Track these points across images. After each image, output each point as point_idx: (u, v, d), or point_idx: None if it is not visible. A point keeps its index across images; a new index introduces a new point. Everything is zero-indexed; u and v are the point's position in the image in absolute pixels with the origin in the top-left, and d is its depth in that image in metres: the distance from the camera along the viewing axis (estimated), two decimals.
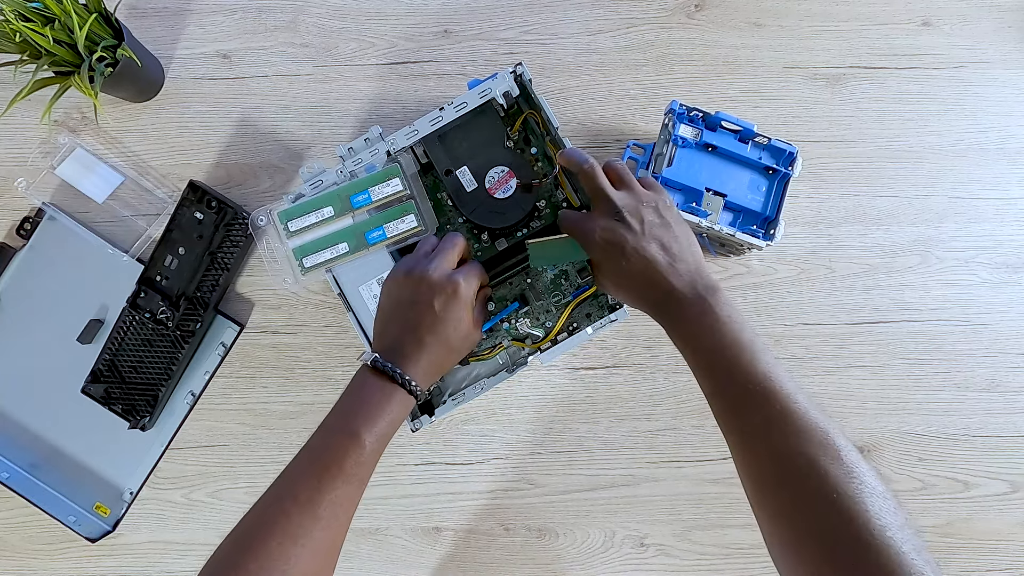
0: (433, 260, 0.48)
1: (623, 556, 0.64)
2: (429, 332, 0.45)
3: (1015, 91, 0.67)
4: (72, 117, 0.67)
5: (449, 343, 0.46)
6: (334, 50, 0.68)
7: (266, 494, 0.40)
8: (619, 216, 0.45)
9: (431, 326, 0.45)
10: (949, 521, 0.63)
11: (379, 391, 0.43)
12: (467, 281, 0.47)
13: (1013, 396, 0.64)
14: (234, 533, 0.39)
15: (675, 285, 0.43)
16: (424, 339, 0.45)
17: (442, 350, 0.46)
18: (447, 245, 0.49)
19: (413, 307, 0.46)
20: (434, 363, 0.46)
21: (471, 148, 0.58)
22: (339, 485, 0.40)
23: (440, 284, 0.46)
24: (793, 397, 0.37)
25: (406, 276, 0.47)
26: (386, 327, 0.47)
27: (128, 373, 0.63)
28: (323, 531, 0.39)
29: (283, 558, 0.37)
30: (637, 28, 0.68)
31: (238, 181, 0.67)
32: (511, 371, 0.56)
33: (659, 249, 0.44)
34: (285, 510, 0.38)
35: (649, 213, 0.46)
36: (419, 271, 0.47)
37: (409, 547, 0.64)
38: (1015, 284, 0.65)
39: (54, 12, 0.57)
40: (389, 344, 0.46)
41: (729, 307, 0.42)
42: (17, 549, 0.65)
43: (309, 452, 0.41)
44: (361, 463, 0.41)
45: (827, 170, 0.66)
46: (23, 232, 0.66)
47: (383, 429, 0.42)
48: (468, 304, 0.47)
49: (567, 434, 0.65)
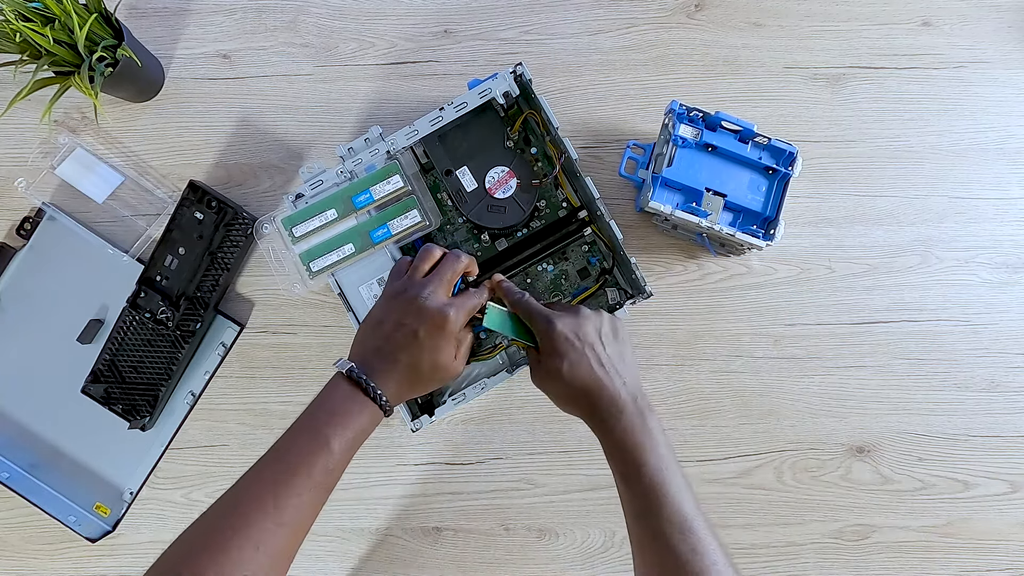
0: (428, 285, 0.47)
1: (623, 556, 0.64)
2: (407, 356, 0.45)
3: (1015, 91, 0.67)
4: (72, 117, 0.67)
5: (422, 372, 0.46)
6: (334, 50, 0.68)
7: (228, 494, 0.39)
8: (582, 320, 0.47)
9: (410, 351, 0.45)
10: (949, 521, 0.63)
11: (351, 400, 0.43)
12: (457, 315, 0.46)
13: (1013, 396, 0.64)
14: (190, 534, 0.38)
15: (620, 395, 0.45)
16: (400, 361, 0.45)
17: (415, 376, 0.46)
18: (446, 270, 0.48)
19: (398, 328, 0.46)
20: (404, 386, 0.46)
21: (471, 148, 0.58)
22: (305, 491, 0.39)
23: (429, 313, 0.45)
24: (706, 541, 0.41)
25: (398, 296, 0.47)
26: (366, 339, 0.47)
27: (128, 373, 0.63)
28: (284, 538, 0.38)
29: (241, 563, 0.36)
30: (637, 28, 0.68)
31: (238, 181, 0.67)
32: (511, 371, 0.56)
33: (611, 359, 0.46)
34: (245, 514, 0.37)
35: (606, 325, 0.48)
36: (412, 294, 0.47)
37: (409, 547, 0.64)
38: (1015, 284, 0.65)
39: (54, 12, 0.57)
40: (366, 357, 0.46)
41: (661, 426, 0.45)
42: (17, 549, 0.65)
43: (276, 454, 0.41)
44: (329, 470, 0.41)
45: (827, 170, 0.66)
46: (23, 232, 0.66)
47: (351, 439, 0.42)
48: (452, 338, 0.47)
49: (567, 434, 0.65)
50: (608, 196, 0.65)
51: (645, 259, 0.65)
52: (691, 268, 0.65)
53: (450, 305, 0.46)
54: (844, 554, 0.63)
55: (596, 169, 0.66)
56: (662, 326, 0.65)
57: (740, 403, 0.64)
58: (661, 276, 0.65)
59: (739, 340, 0.65)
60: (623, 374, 0.46)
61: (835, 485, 0.64)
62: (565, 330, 0.46)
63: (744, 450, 0.64)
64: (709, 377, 0.65)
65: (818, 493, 0.64)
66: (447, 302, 0.47)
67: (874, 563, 0.63)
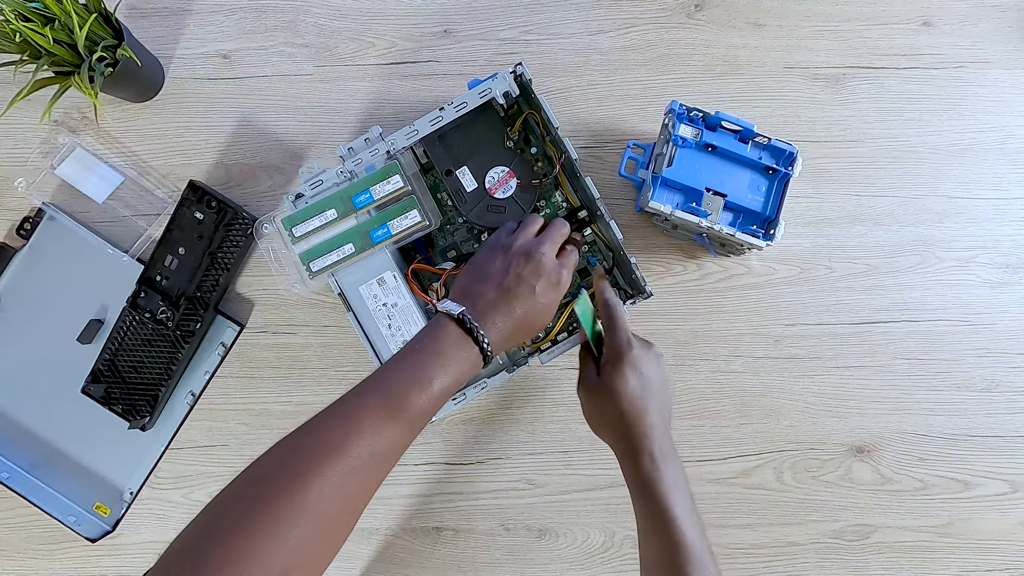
0: (544, 243, 0.49)
1: (623, 556, 0.64)
2: (521, 308, 0.46)
3: (1015, 91, 0.67)
4: (72, 117, 0.67)
5: (532, 324, 0.47)
6: (334, 50, 0.68)
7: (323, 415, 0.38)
8: (655, 355, 0.50)
9: (526, 303, 0.46)
10: (949, 521, 0.63)
11: (458, 345, 0.43)
12: (569, 276, 0.49)
13: (1013, 396, 0.64)
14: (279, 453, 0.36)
15: (656, 432, 0.47)
16: (515, 312, 0.46)
17: (520, 329, 0.47)
18: (555, 234, 0.50)
19: (518, 281, 0.46)
20: (506, 337, 0.46)
21: (471, 148, 0.58)
22: (397, 426, 0.38)
23: (548, 270, 0.47)
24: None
25: (516, 249, 0.48)
26: (477, 287, 0.47)
27: (128, 373, 0.63)
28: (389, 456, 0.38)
29: (341, 484, 0.34)
30: (637, 28, 0.68)
31: (238, 181, 0.67)
32: (511, 371, 0.56)
33: (662, 400, 0.49)
34: (348, 433, 0.36)
35: (665, 370, 0.51)
36: (529, 248, 0.48)
37: (409, 547, 0.64)
38: (1015, 284, 0.65)
39: (54, 12, 0.57)
40: (476, 303, 0.46)
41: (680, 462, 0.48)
42: (17, 549, 0.65)
43: (377, 383, 0.40)
44: (426, 411, 0.40)
45: (827, 170, 0.66)
46: (23, 232, 0.66)
47: (451, 383, 0.41)
48: (560, 297, 0.49)
49: (567, 434, 0.65)
50: (608, 196, 0.65)
51: (645, 259, 0.65)
52: (691, 268, 0.65)
53: (563, 266, 0.49)
54: (844, 554, 0.63)
55: (596, 169, 0.66)
56: (662, 326, 0.65)
57: (740, 403, 0.64)
58: (661, 276, 0.65)
59: (739, 340, 0.65)
60: (664, 417, 0.49)
61: (835, 485, 0.64)
62: (639, 357, 0.48)
63: (744, 450, 0.64)
64: (709, 377, 0.65)
65: (818, 493, 0.64)
66: (560, 262, 0.49)
67: (874, 563, 0.63)
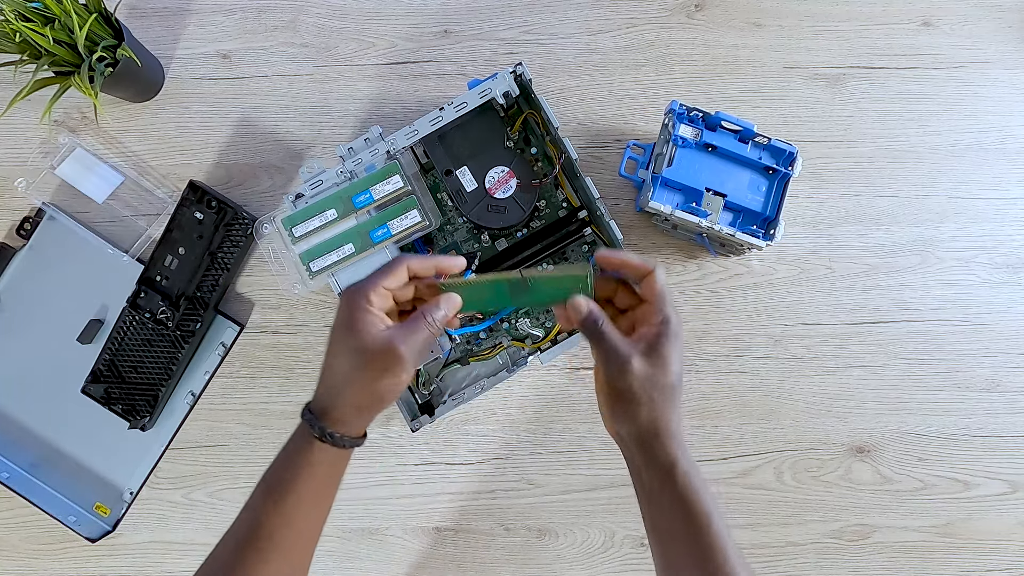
0: (363, 281, 0.37)
1: (623, 556, 0.64)
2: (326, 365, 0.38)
3: (1015, 91, 0.67)
4: (72, 117, 0.67)
5: (337, 378, 0.37)
6: (334, 50, 0.68)
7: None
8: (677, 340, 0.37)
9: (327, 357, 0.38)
10: (949, 521, 0.63)
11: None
12: (368, 314, 0.36)
13: (1013, 396, 0.64)
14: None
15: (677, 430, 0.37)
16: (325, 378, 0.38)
17: (337, 387, 0.37)
18: (376, 274, 0.37)
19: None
20: (351, 405, 0.37)
21: (471, 148, 0.58)
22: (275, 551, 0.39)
23: (339, 307, 0.37)
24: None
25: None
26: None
27: (128, 373, 0.63)
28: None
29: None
30: (637, 28, 0.68)
31: (238, 181, 0.67)
32: (511, 371, 0.57)
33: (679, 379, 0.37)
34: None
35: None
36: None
37: (409, 547, 0.64)
38: (1015, 284, 0.65)
39: (54, 12, 0.57)
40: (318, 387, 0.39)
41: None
42: (17, 549, 0.65)
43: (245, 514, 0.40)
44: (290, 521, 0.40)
45: (827, 170, 0.66)
46: (23, 232, 0.66)
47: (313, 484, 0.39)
48: (357, 342, 0.36)
49: (567, 434, 0.65)
50: (608, 196, 0.65)
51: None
52: (691, 268, 0.65)
53: (361, 296, 0.37)
54: (844, 554, 0.63)
55: (596, 169, 0.66)
56: None
57: (740, 403, 0.64)
58: None
59: (739, 340, 0.65)
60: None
61: (835, 485, 0.64)
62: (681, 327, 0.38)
63: (744, 450, 0.64)
64: (709, 377, 0.65)
65: (818, 493, 0.64)
66: (357, 297, 0.37)
67: (874, 563, 0.63)
